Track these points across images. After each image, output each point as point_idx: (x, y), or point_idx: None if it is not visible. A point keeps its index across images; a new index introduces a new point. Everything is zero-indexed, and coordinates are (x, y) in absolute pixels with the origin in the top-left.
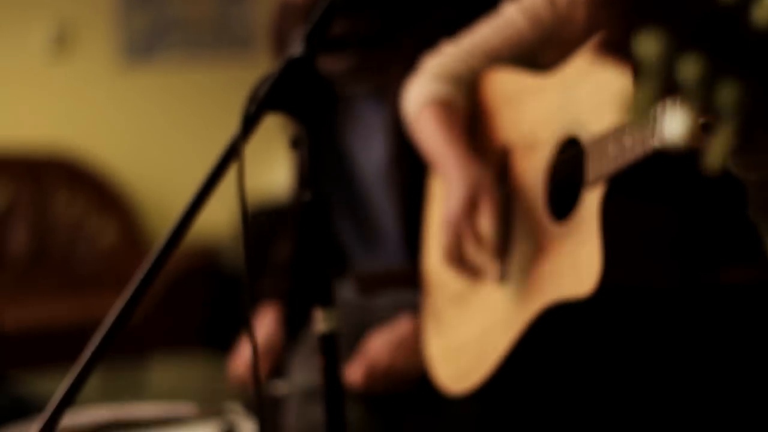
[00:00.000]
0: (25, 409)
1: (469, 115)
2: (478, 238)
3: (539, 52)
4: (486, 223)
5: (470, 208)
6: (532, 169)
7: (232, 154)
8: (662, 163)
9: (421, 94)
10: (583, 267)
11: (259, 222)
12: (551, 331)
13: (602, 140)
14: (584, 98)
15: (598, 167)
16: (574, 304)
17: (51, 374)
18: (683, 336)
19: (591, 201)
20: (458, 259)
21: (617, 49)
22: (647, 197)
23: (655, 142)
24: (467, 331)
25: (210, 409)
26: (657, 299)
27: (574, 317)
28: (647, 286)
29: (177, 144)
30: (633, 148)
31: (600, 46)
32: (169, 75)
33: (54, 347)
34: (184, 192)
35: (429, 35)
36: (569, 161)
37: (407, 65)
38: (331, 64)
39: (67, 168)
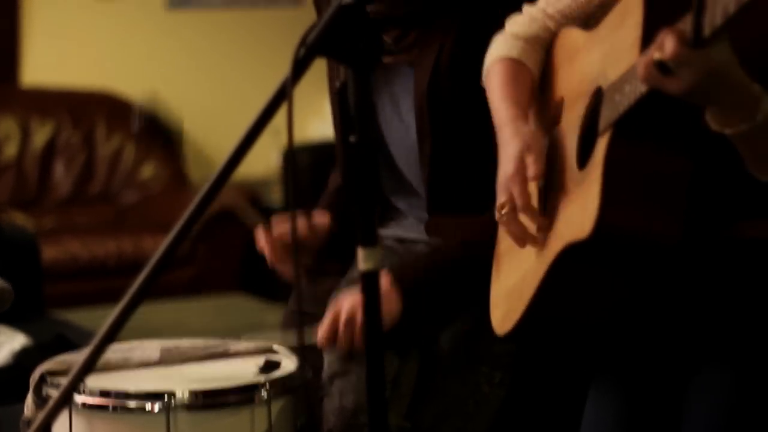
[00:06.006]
0: (66, 345)
1: (542, 73)
2: (527, 201)
3: (602, 12)
4: (533, 177)
5: (521, 168)
6: (572, 119)
7: (282, 96)
8: (671, 112)
9: (493, 53)
10: (586, 211)
11: (302, 158)
12: (567, 276)
13: (612, 89)
14: (610, 50)
15: (608, 114)
16: (580, 248)
17: (91, 311)
18: (695, 288)
19: (600, 147)
20: (508, 221)
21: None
22: (655, 145)
23: None
24: (514, 278)
25: (255, 345)
26: (664, 248)
27: (584, 263)
28: (651, 234)
29: (220, 83)
30: (629, 95)
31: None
32: (214, 14)
33: (94, 284)
34: (225, 130)
35: (463, 16)
36: (594, 111)
37: (440, 43)
38: None
39: (110, 106)
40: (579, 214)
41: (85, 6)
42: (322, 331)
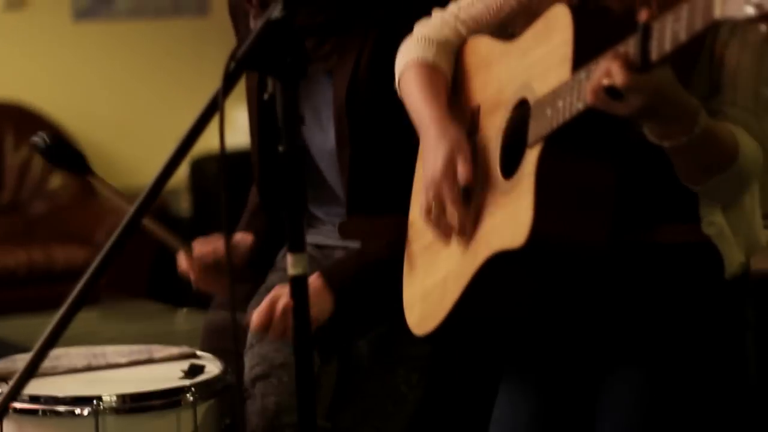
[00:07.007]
0: None
1: (452, 78)
2: (457, 199)
3: (512, 22)
4: (464, 180)
5: (451, 168)
6: (493, 129)
7: (212, 109)
8: (599, 125)
9: (407, 56)
10: (518, 220)
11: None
12: (494, 281)
13: (542, 103)
14: (534, 63)
15: (538, 128)
16: (511, 255)
17: (3, 320)
18: (616, 291)
19: (530, 159)
20: (437, 219)
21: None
22: (583, 157)
23: None
24: (432, 279)
25: (179, 351)
26: (593, 255)
27: (513, 269)
28: (582, 242)
29: (127, 92)
30: (564, 111)
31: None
32: (120, 25)
33: (5, 294)
34: (133, 140)
35: (380, 24)
36: (520, 122)
37: (358, 51)
38: None
39: (18, 116)
40: (509, 224)
41: None
42: (257, 315)
